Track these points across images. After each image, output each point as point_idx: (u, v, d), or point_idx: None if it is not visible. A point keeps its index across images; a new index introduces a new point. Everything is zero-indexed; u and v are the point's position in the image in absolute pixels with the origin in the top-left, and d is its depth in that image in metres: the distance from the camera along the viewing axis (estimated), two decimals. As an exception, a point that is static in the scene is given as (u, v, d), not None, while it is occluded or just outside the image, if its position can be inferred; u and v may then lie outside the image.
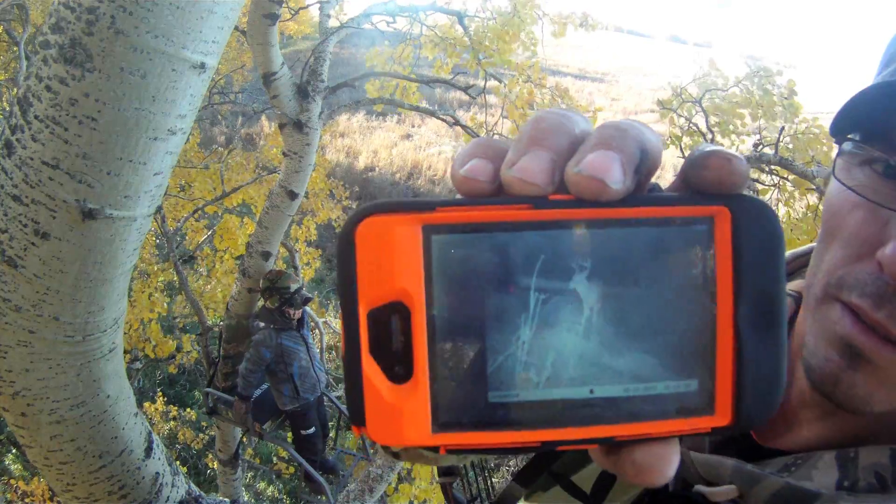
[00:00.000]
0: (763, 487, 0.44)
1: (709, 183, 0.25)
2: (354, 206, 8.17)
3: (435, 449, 0.24)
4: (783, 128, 3.41)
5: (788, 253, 0.59)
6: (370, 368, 0.24)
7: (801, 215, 3.86)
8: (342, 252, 0.24)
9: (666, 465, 0.25)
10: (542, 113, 0.27)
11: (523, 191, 0.24)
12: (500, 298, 0.24)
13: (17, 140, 1.06)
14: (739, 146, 4.20)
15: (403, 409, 0.24)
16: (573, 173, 0.24)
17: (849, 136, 0.45)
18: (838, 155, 0.46)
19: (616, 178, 0.23)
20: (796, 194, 3.84)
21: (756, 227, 0.25)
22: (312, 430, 4.04)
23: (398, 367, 0.24)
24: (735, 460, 0.47)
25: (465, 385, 0.24)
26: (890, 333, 0.40)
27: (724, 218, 0.24)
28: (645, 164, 0.25)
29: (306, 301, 3.83)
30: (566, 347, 0.24)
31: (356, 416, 0.24)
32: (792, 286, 0.56)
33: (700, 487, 0.48)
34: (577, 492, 0.56)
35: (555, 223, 0.24)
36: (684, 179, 0.26)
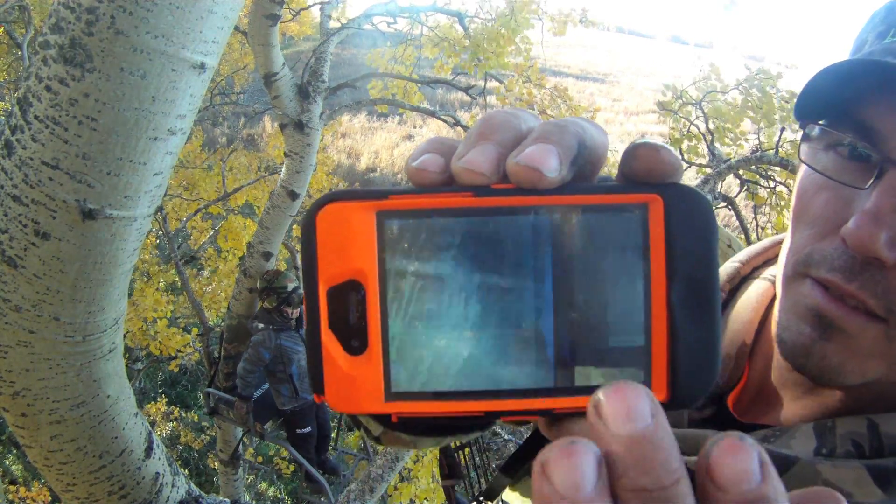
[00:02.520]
0: None
1: (640, 172, 0.26)
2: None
3: (387, 417, 0.27)
4: (783, 129, 3.40)
5: (768, 240, 0.61)
6: (329, 341, 0.26)
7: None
8: (305, 235, 0.26)
9: None
10: (492, 112, 0.28)
11: (469, 180, 0.26)
12: (445, 279, 0.26)
13: (17, 140, 1.06)
14: (738, 151, 4.20)
15: (359, 378, 0.26)
16: (512, 163, 0.26)
17: (819, 123, 0.46)
18: (804, 139, 0.48)
19: (552, 168, 0.25)
20: (790, 203, 3.83)
21: (688, 214, 0.26)
22: (308, 429, 4.05)
23: (354, 341, 0.26)
24: (714, 432, 0.48)
25: (414, 357, 0.26)
26: (864, 303, 0.41)
27: (657, 205, 0.26)
28: (583, 156, 0.26)
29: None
30: (508, 324, 0.26)
31: (316, 385, 0.26)
32: (770, 271, 0.57)
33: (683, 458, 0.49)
34: None
35: (494, 210, 0.26)
36: (621, 171, 0.27)
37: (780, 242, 0.59)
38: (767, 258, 0.59)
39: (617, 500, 0.20)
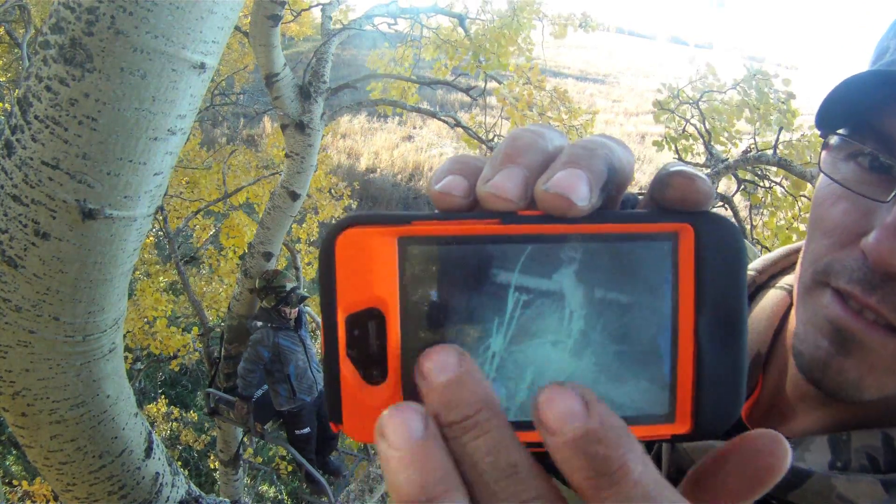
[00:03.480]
0: None
1: (673, 201, 0.26)
2: (355, 205, 8.20)
3: None
4: (781, 129, 3.40)
5: (784, 248, 0.60)
6: (347, 370, 0.25)
7: (786, 223, 3.87)
8: (323, 260, 0.25)
9: None
10: (518, 131, 0.28)
11: (496, 206, 0.25)
12: (469, 309, 0.25)
13: (17, 140, 1.06)
14: (732, 150, 4.20)
15: (378, 409, 0.24)
16: (541, 190, 0.25)
17: (838, 132, 0.45)
18: (824, 148, 0.47)
19: (582, 196, 0.24)
20: (785, 202, 3.86)
21: (718, 244, 0.26)
22: (306, 430, 4.05)
23: (373, 370, 0.25)
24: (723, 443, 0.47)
25: None
26: (883, 316, 0.41)
27: (688, 235, 0.26)
28: (613, 181, 0.26)
29: (302, 300, 3.84)
30: (532, 355, 0.25)
31: (334, 414, 0.26)
32: (786, 280, 0.56)
33: None
34: None
35: (522, 238, 0.25)
36: (651, 197, 0.27)
37: (796, 251, 0.58)
38: (784, 267, 0.58)
39: (446, 441, 0.22)
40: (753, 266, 0.59)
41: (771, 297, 0.55)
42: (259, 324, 3.77)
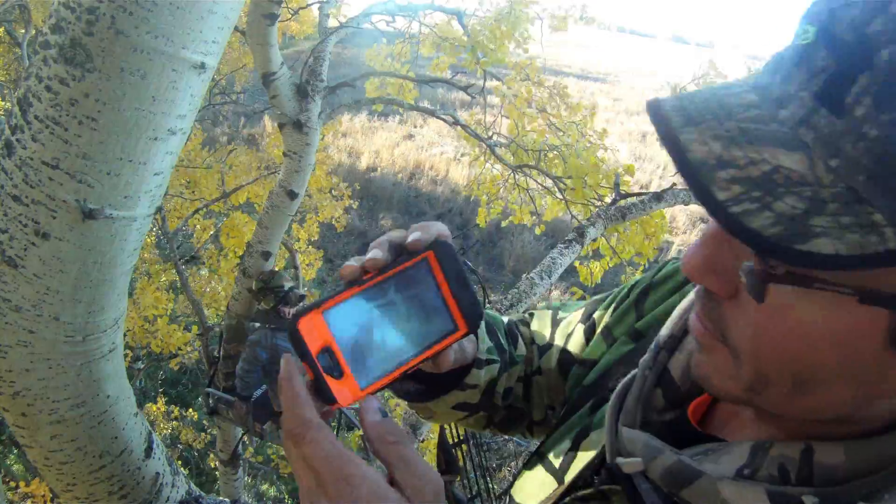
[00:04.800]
0: (659, 462, 0.47)
1: (416, 248, 0.54)
2: (355, 206, 8.22)
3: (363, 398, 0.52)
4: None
5: None
6: (326, 377, 0.50)
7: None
8: (294, 334, 0.50)
9: (447, 360, 0.61)
10: (378, 240, 0.56)
11: (349, 275, 0.54)
12: (360, 324, 0.53)
13: (17, 140, 1.06)
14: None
15: (344, 388, 0.51)
16: (363, 262, 0.53)
17: None
18: None
19: (378, 258, 0.52)
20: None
21: (445, 251, 0.56)
22: None
23: (335, 372, 0.51)
24: (648, 435, 0.50)
25: (365, 369, 0.52)
26: (705, 325, 0.45)
27: (432, 255, 0.56)
28: (394, 248, 0.55)
29: (301, 298, 3.83)
30: (394, 337, 0.54)
31: (328, 400, 0.50)
32: None
33: (619, 459, 0.52)
34: (550, 466, 0.67)
35: (368, 288, 0.53)
36: (407, 250, 0.55)
37: None
38: None
39: None
40: None
41: None
42: (257, 325, 3.77)
